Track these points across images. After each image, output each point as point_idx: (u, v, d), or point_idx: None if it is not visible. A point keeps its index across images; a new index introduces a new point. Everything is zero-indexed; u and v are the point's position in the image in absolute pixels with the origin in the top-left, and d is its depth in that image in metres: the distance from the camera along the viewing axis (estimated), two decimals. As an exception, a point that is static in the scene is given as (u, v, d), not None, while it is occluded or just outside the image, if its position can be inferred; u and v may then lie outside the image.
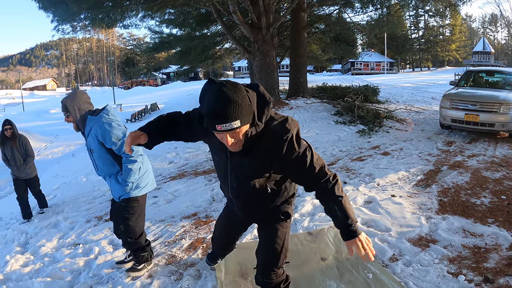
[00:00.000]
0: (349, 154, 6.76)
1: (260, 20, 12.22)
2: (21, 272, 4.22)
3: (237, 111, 1.63)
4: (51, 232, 5.43)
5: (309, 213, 4.27)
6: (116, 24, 12.77)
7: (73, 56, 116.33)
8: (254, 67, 13.47)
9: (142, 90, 52.01)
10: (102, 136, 3.11)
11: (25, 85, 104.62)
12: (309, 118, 10.95)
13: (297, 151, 1.85)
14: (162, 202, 5.66)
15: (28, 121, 29.08)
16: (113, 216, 3.53)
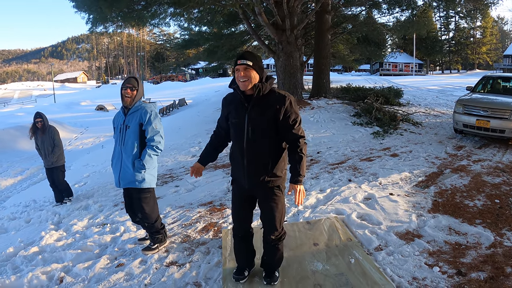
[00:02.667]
0: (359, 154, 7.10)
1: (285, 22, 12.55)
2: (55, 246, 4.83)
3: (252, 58, 2.58)
4: (82, 214, 6.04)
5: (311, 206, 4.71)
6: (146, 23, 13.39)
7: (104, 50, 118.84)
8: (278, 67, 13.84)
9: (171, 85, 52.90)
10: (146, 119, 3.68)
11: (57, 77, 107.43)
12: (328, 118, 11.27)
13: (294, 111, 2.64)
14: (183, 191, 6.19)
15: (59, 113, 30.09)
16: (129, 208, 4.06)
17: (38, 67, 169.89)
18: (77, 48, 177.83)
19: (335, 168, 6.27)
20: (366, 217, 4.13)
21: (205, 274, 3.37)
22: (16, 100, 73.43)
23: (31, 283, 3.88)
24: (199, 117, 16.31)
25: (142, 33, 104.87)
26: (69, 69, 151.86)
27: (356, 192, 4.88)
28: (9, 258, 4.83)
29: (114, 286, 3.46)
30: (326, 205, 4.63)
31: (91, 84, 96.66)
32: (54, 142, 6.72)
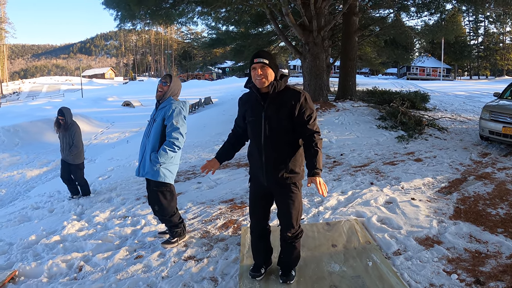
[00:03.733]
0: (383, 158, 7.01)
1: (312, 23, 12.50)
2: (76, 235, 4.96)
3: (267, 56, 2.65)
4: (104, 206, 6.18)
5: (332, 207, 4.69)
6: (174, 22, 13.58)
7: (132, 47, 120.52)
8: (304, 68, 13.81)
9: (197, 84, 53.27)
10: (169, 114, 3.77)
11: (85, 72, 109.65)
12: (353, 121, 11.18)
13: (309, 107, 2.68)
14: (205, 187, 6.27)
15: (86, 107, 30.66)
16: (150, 201, 4.15)
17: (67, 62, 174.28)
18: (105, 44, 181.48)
19: (358, 171, 6.22)
20: (386, 220, 4.08)
21: (222, 269, 3.41)
22: (44, 94, 75.46)
23: (51, 270, 3.99)
24: (224, 115, 16.41)
25: (170, 31, 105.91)
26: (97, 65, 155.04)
27: (377, 196, 4.83)
28: (31, 245, 4.98)
29: (132, 277, 3.53)
30: (347, 207, 4.60)
31: (118, 81, 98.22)
32: (72, 141, 6.77)
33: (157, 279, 3.40)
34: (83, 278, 3.74)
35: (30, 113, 23.52)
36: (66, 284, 3.63)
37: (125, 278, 3.53)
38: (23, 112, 24.46)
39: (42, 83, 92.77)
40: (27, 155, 15.79)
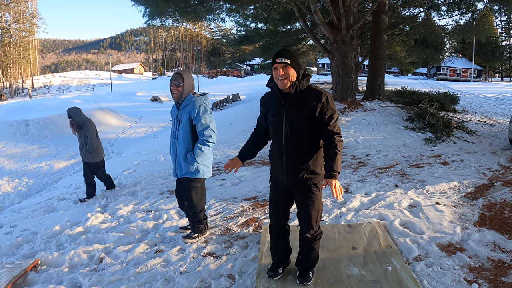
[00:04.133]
0: (409, 160, 6.86)
1: (340, 21, 12.33)
2: (99, 227, 5.06)
3: (289, 56, 2.60)
4: (128, 199, 6.27)
5: (355, 209, 4.61)
6: (202, 18, 13.67)
7: (161, 43, 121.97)
8: (332, 67, 13.68)
9: (226, 80, 53.62)
10: (195, 114, 3.76)
11: (114, 67, 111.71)
12: (380, 121, 11.01)
13: (330, 107, 2.63)
14: (228, 184, 6.28)
15: (115, 101, 31.26)
16: (179, 194, 4.17)
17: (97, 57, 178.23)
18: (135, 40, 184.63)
19: (383, 173, 6.11)
20: (409, 225, 3.98)
21: (240, 267, 3.40)
22: (75, 87, 77.45)
23: (72, 260, 4.08)
24: (252, 112, 16.38)
25: (199, 28, 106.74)
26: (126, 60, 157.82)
27: (401, 199, 4.72)
28: (54, 235, 5.11)
29: (151, 270, 3.56)
30: (370, 209, 4.52)
31: (148, 76, 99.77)
32: (86, 139, 6.67)
33: (175, 274, 3.42)
34: (103, 269, 3.81)
35: (60, 106, 24.11)
36: (86, 274, 3.70)
37: (144, 272, 3.57)
38: (53, 105, 25.11)
39: (72, 77, 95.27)
40: (56, 147, 16.24)
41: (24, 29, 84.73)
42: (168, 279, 3.36)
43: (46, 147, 16.34)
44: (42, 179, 11.52)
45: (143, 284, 3.34)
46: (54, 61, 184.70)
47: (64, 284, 3.61)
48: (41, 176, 11.90)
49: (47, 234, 5.19)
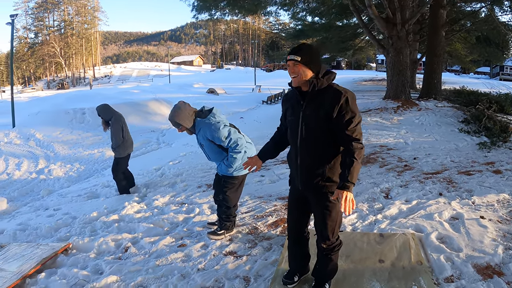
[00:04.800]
0: (458, 166, 6.35)
1: (395, 15, 11.77)
2: (133, 217, 5.16)
3: (301, 52, 2.39)
4: (166, 190, 6.35)
5: (391, 217, 4.32)
6: (255, 13, 13.60)
7: (220, 36, 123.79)
8: (387, 63, 13.16)
9: (283, 74, 53.24)
10: (211, 136, 3.75)
11: (174, 59, 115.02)
12: (434, 122, 10.39)
13: (350, 110, 2.36)
14: (267, 181, 6.17)
15: (172, 93, 32.03)
16: (216, 186, 4.19)
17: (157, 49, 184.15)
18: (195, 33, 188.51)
19: (428, 178, 5.69)
20: (446, 239, 3.63)
21: (257, 270, 3.28)
22: (134, 78, 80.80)
23: (100, 247, 4.18)
24: None
25: (258, 22, 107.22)
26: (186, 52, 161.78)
27: (443, 209, 4.34)
28: (91, 221, 5.28)
29: (170, 264, 3.55)
30: (407, 219, 4.20)
31: (206, 68, 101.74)
32: (111, 136, 6.65)
33: (192, 270, 3.38)
34: (126, 258, 3.86)
35: (118, 96, 25.10)
36: (109, 262, 3.77)
37: (163, 265, 3.57)
38: (111, 94, 26.19)
39: (132, 68, 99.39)
40: (109, 135, 16.87)
41: (86, 22, 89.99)
42: (184, 275, 3.33)
43: (100, 135, 17.03)
44: (93, 165, 12.02)
45: (159, 278, 3.34)
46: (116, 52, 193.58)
47: (88, 269, 3.70)
48: (92, 162, 12.42)
49: (84, 220, 5.39)
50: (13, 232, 5.46)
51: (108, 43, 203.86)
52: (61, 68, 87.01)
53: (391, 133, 9.43)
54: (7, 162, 12.87)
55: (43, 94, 51.90)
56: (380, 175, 5.96)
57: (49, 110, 19.69)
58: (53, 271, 3.77)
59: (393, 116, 11.33)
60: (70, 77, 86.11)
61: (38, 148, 14.98)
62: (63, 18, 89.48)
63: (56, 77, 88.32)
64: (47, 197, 8.03)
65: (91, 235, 4.69)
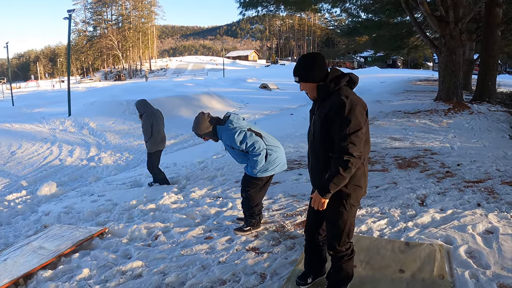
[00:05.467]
0: (504, 176, 5.99)
1: (448, 13, 11.26)
2: (169, 207, 5.36)
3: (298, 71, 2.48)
4: (205, 183, 6.53)
5: (422, 225, 4.17)
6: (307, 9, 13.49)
7: (276, 32, 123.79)
8: (439, 63, 12.65)
9: (337, 72, 52.50)
10: (230, 142, 3.91)
11: (229, 54, 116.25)
12: (485, 127, 9.89)
13: (347, 118, 2.29)
14: (304, 180, 6.18)
15: (225, 87, 32.51)
16: (242, 183, 4.28)
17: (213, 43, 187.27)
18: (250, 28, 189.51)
19: (469, 187, 5.43)
20: (476, 254, 3.44)
21: (275, 268, 3.33)
22: (189, 71, 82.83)
23: (133, 233, 4.41)
24: None
25: (314, 18, 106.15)
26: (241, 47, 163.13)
27: (478, 221, 4.12)
28: (130, 208, 5.55)
29: (194, 255, 3.69)
30: (438, 228, 4.03)
31: (261, 63, 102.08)
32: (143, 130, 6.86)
33: (213, 263, 3.49)
34: (155, 246, 4.06)
35: (172, 88, 25.82)
36: (139, 248, 3.98)
37: (188, 255, 3.72)
38: (166, 87, 27.02)
39: (188, 61, 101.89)
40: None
41: (143, 16, 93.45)
42: (205, 266, 3.45)
43: (151, 126, 17.61)
44: (141, 155, 12.50)
45: (180, 266, 3.49)
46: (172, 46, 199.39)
47: (118, 253, 3.95)
48: (140, 152, 12.91)
49: (124, 207, 5.69)
50: (58, 214, 5.88)
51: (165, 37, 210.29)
52: (118, 60, 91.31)
53: (438, 136, 9.08)
54: (61, 149, 13.74)
55: (100, 85, 54.57)
56: (419, 181, 5.77)
57: (104, 100, 20.70)
58: (87, 253, 4.05)
59: (442, 119, 10.90)
60: (127, 69, 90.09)
61: (91, 136, 15.83)
62: (121, 13, 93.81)
63: (113, 69, 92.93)
64: (94, 183, 8.50)
65: (127, 222, 4.96)
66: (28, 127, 17.66)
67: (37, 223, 5.80)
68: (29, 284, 3.59)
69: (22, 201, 7.63)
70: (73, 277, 3.51)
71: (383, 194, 5.21)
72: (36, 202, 7.45)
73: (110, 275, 3.48)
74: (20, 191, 8.53)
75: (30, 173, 10.94)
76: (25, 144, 14.63)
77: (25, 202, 7.54)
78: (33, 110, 23.10)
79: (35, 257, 4.01)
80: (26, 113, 22.04)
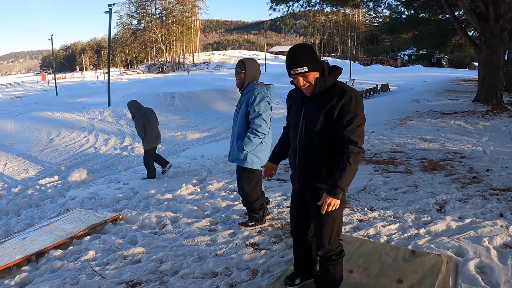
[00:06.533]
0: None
1: (488, 9, 10.68)
2: (184, 198, 5.46)
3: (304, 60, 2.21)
4: (224, 176, 6.60)
5: (435, 233, 3.98)
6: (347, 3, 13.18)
7: (320, 27, 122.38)
8: (478, 62, 12.07)
9: (380, 69, 51.32)
10: (252, 100, 3.76)
11: (272, 49, 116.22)
12: (521, 131, 9.40)
13: (352, 110, 2.21)
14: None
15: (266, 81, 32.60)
16: (237, 180, 4.21)
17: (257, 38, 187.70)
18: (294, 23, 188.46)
19: (495, 195, 5.13)
20: (487, 270, 3.20)
21: (269, 266, 3.31)
22: (231, 65, 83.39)
23: (143, 221, 4.55)
24: (391, 105, 15.42)
25: (358, 14, 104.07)
26: (285, 43, 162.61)
27: (497, 233, 3.85)
28: (148, 197, 5.71)
29: (194, 246, 3.75)
30: (451, 238, 3.81)
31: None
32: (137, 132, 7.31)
33: (210, 255, 3.53)
34: (160, 234, 4.17)
35: (211, 82, 26.16)
36: (145, 235, 4.11)
37: (188, 245, 3.79)
38: (205, 80, 27.42)
39: (230, 55, 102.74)
40: (195, 120, 17.78)
41: (186, 10, 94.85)
42: (201, 257, 3.50)
43: (186, 118, 18.00)
44: (173, 147, 12.78)
45: (178, 256, 3.56)
46: (216, 40, 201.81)
47: (125, 239, 4.09)
48: (173, 144, 13.20)
49: (143, 195, 5.86)
50: (82, 199, 6.14)
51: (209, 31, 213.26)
52: (162, 53, 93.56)
53: (471, 139, 8.67)
54: (97, 137, 14.30)
55: (143, 77, 56.19)
56: (442, 185, 5.52)
57: (143, 92, 21.34)
58: (97, 236, 4.23)
59: (479, 121, 10.42)
60: (170, 62, 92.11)
61: (127, 127, 16.36)
62: (164, 7, 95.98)
63: (157, 62, 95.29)
64: (123, 172, 8.78)
65: (142, 210, 5.11)
66: (68, 116, 18.54)
67: (62, 206, 6.10)
68: (40, 261, 3.81)
69: (53, 186, 8.04)
70: (79, 258, 3.69)
71: (400, 197, 5.04)
72: (66, 187, 7.81)
73: (112, 258, 3.61)
74: (53, 176, 8.97)
75: (65, 160, 11.50)
76: (64, 132, 15.38)
77: (56, 187, 7.94)
78: (75, 100, 24.23)
79: (51, 237, 4.25)
80: (68, 103, 23.14)
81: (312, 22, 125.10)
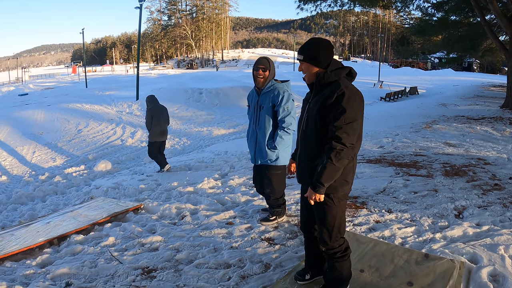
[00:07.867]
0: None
1: (519, 12, 10.38)
2: (205, 191, 5.59)
3: (305, 50, 2.42)
4: (246, 172, 6.70)
5: (451, 239, 3.96)
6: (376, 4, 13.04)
7: (350, 28, 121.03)
8: (508, 67, 11.74)
9: (409, 71, 50.46)
10: (279, 100, 3.80)
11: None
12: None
13: (342, 106, 2.24)
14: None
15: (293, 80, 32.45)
16: (257, 181, 4.25)
17: (287, 37, 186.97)
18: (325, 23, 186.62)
19: (516, 204, 5.06)
20: (500, 278, 3.15)
21: (282, 261, 3.38)
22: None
23: (163, 212, 4.70)
24: (418, 109, 15.22)
25: (389, 15, 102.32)
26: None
27: (510, 243, 3.83)
28: (170, 189, 5.87)
29: (211, 237, 3.87)
30: (466, 244, 3.78)
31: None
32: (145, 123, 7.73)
33: (225, 247, 3.64)
34: (179, 225, 4.32)
35: (238, 79, 26.27)
36: (164, 225, 4.26)
37: (205, 236, 3.90)
38: (233, 77, 27.55)
39: (259, 53, 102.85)
40: (221, 116, 17.93)
41: (216, 7, 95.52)
42: (216, 249, 3.61)
43: (213, 114, 18.17)
44: (199, 142, 12.97)
45: (194, 246, 3.69)
46: (246, 38, 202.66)
47: (145, 228, 4.26)
48: (198, 139, 13.39)
49: (165, 187, 6.02)
50: (106, 189, 6.36)
51: (239, 28, 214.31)
52: (191, 49, 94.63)
53: (496, 146, 8.49)
54: (124, 130, 14.66)
55: (172, 72, 56.92)
56: (462, 191, 5.45)
57: (171, 87, 21.67)
58: (118, 224, 4.41)
59: (506, 128, 10.20)
60: (199, 58, 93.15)
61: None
62: (195, 3, 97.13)
63: (186, 57, 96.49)
64: (148, 164, 9.01)
65: (163, 201, 5.27)
66: (97, 108, 19.05)
67: (87, 194, 6.35)
68: (62, 245, 4.02)
69: (79, 175, 8.33)
70: (99, 243, 3.87)
71: (419, 200, 5.01)
72: (92, 177, 8.10)
73: (131, 245, 3.78)
74: (79, 165, 9.29)
75: (92, 150, 11.88)
76: (92, 124, 15.83)
77: (82, 176, 8.23)
78: (104, 92, 24.83)
79: (73, 223, 4.45)
80: (97, 95, 23.74)
81: (343, 22, 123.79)
